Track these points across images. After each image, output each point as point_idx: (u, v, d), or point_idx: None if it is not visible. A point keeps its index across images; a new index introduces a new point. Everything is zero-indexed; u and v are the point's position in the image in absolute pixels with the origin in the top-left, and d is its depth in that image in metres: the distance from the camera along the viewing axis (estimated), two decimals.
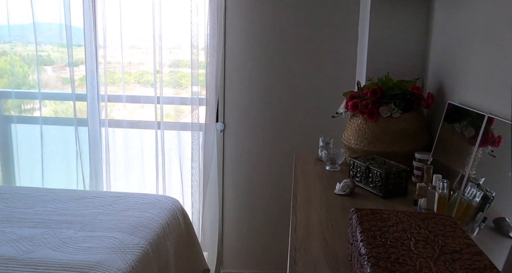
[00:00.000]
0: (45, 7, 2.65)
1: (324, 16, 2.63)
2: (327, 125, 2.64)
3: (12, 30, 2.72)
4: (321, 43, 2.66)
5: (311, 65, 2.69)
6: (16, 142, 2.93)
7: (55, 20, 2.67)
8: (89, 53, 2.67)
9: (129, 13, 2.70)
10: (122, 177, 2.90)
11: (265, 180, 2.83)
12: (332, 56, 2.66)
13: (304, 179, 1.90)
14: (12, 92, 2.85)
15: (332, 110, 2.61)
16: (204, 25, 2.62)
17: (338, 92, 2.60)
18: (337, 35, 2.64)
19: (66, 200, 2.32)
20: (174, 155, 2.84)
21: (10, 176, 2.97)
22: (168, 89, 2.81)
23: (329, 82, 2.69)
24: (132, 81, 2.86)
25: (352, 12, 2.59)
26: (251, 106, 2.76)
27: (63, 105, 2.96)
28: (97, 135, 2.80)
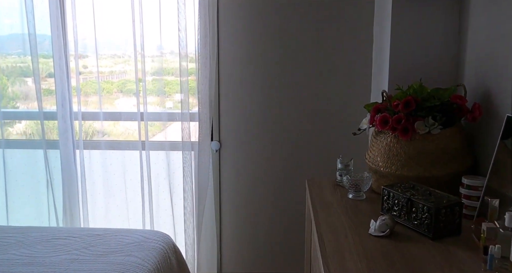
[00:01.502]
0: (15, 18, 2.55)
1: (333, 16, 2.44)
2: (342, 143, 2.49)
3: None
4: (330, 48, 2.47)
5: (320, 73, 2.49)
6: None
7: (22, 30, 2.55)
8: (58, 65, 2.43)
9: (105, 17, 2.51)
10: (101, 209, 2.68)
11: (270, 210, 2.62)
12: (343, 62, 2.48)
13: (325, 211, 1.66)
14: None
15: (347, 124, 2.49)
16: (193, 29, 2.41)
17: (351, 103, 2.46)
18: (349, 39, 2.45)
19: (33, 243, 2.05)
20: (162, 180, 2.63)
21: None
22: (152, 98, 2.64)
23: (340, 93, 2.51)
24: (115, 90, 2.73)
25: (365, 12, 2.41)
26: (251, 122, 2.55)
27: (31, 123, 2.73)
28: (71, 159, 2.57)
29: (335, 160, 2.43)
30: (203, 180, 2.46)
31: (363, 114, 2.43)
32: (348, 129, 2.45)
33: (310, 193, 1.91)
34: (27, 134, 2.79)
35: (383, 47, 2.19)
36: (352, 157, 1.97)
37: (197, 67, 2.41)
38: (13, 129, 2.76)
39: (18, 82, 2.67)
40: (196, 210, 2.50)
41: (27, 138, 2.77)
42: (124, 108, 2.71)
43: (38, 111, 2.53)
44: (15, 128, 2.78)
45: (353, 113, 2.46)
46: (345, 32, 2.43)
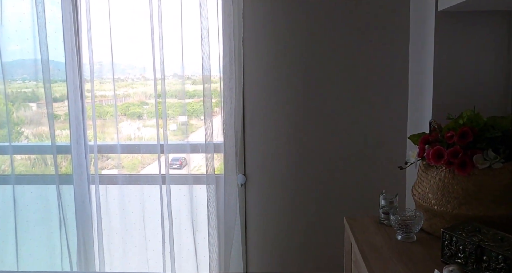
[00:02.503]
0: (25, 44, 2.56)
1: (366, 37, 2.36)
2: (378, 177, 2.40)
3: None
4: (362, 74, 2.39)
5: (352, 102, 2.42)
6: None
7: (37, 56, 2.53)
8: (73, 95, 2.40)
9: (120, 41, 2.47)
10: (118, 250, 2.59)
11: (301, 252, 2.52)
12: (377, 88, 2.39)
13: (376, 257, 1.57)
14: None
15: (384, 155, 2.40)
16: (217, 52, 2.36)
17: (387, 132, 2.40)
18: (382, 63, 2.37)
19: None
20: (184, 217, 2.53)
21: None
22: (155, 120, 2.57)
23: (375, 121, 2.42)
24: (118, 113, 2.68)
25: (399, 31, 2.33)
26: (279, 154, 2.46)
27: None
28: (85, 196, 2.49)
29: (371, 195, 2.35)
30: (230, 217, 2.36)
31: (400, 145, 2.35)
32: (384, 161, 2.38)
33: (353, 233, 1.80)
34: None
35: (424, 71, 2.09)
36: (386, 191, 1.88)
37: (221, 92, 2.35)
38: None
39: (23, 107, 2.68)
40: (222, 249, 2.38)
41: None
42: (142, 134, 2.68)
43: (51, 145, 2.47)
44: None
45: (389, 144, 2.38)
46: (378, 56, 2.35)
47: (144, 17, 2.40)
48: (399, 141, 2.35)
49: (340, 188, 2.44)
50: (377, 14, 2.32)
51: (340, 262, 2.04)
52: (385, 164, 2.39)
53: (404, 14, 2.29)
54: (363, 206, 2.41)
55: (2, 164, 2.80)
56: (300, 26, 2.36)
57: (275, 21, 2.37)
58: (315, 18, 2.34)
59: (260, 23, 2.37)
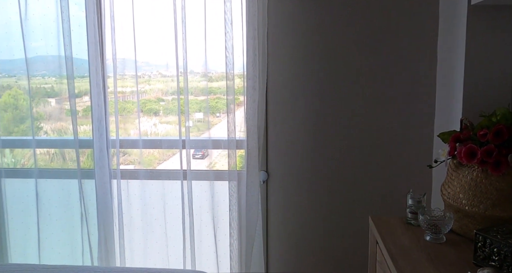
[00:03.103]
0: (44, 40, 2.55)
1: (393, 33, 2.31)
2: (405, 174, 2.35)
3: (16, 64, 2.66)
4: (389, 71, 2.33)
5: (378, 99, 2.37)
6: (5, 203, 2.67)
7: (56, 52, 2.57)
8: (96, 90, 2.39)
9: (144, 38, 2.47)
10: (139, 245, 2.59)
11: (324, 250, 2.47)
12: (404, 86, 2.34)
13: (405, 258, 1.52)
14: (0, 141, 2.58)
15: (409, 153, 2.35)
16: (240, 48, 2.33)
17: (413, 130, 2.35)
18: (409, 61, 2.31)
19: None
20: (205, 213, 2.51)
21: None
22: (172, 117, 2.63)
23: (401, 119, 2.37)
24: (135, 110, 2.68)
25: (427, 27, 2.26)
26: (302, 151, 2.43)
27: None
28: (107, 191, 2.48)
29: (396, 194, 2.30)
30: (252, 214, 2.33)
31: (426, 143, 2.29)
32: (409, 159, 2.33)
33: (379, 233, 1.75)
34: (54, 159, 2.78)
35: (454, 67, 2.03)
36: (412, 189, 1.83)
37: (244, 89, 2.32)
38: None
39: (42, 102, 2.70)
40: (243, 248, 2.36)
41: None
42: (162, 130, 2.67)
43: (74, 139, 2.47)
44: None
45: (415, 142, 2.32)
46: (404, 52, 2.30)
47: (165, 15, 2.38)
48: (425, 139, 2.30)
49: (364, 186, 2.39)
50: (405, 10, 2.26)
51: (364, 262, 2.00)
52: (410, 162, 2.34)
53: (433, 10, 2.23)
54: (387, 205, 2.36)
55: (22, 158, 2.83)
56: (325, 24, 2.31)
57: (299, 19, 2.33)
58: (340, 15, 2.30)
59: (284, 20, 2.33)
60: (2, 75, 2.68)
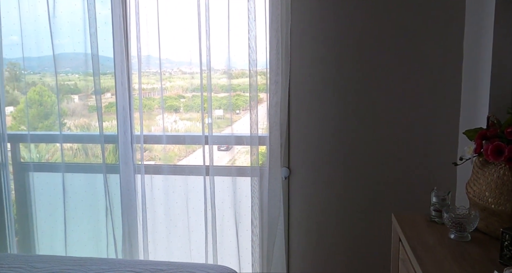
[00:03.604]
0: (71, 37, 2.60)
1: (417, 29, 2.27)
2: (429, 172, 2.32)
3: (41, 61, 2.70)
4: (412, 67, 2.29)
5: (401, 95, 2.33)
6: (33, 197, 2.73)
7: (82, 49, 2.60)
8: (120, 87, 2.44)
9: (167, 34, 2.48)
10: (162, 239, 2.61)
11: (345, 246, 2.45)
12: (428, 82, 2.30)
13: (429, 256, 1.51)
14: (28, 135, 2.65)
15: (433, 150, 2.32)
16: (263, 45, 2.32)
17: (437, 127, 2.31)
18: (434, 56, 2.27)
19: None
20: (227, 209, 2.52)
21: (27, 239, 2.75)
22: (192, 114, 2.64)
23: (425, 116, 2.32)
24: (156, 106, 2.73)
25: (453, 21, 2.22)
26: (324, 148, 2.41)
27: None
28: (131, 185, 2.51)
29: (419, 191, 2.27)
30: (274, 210, 2.33)
31: (451, 140, 2.25)
32: (433, 157, 2.29)
33: (402, 230, 1.73)
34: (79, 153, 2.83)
35: (480, 62, 1.98)
36: (436, 187, 1.81)
37: (268, 86, 2.32)
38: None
39: (66, 99, 2.74)
40: (265, 243, 2.36)
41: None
42: (186, 128, 2.69)
43: (99, 134, 2.51)
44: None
45: (439, 139, 2.29)
46: (429, 48, 2.25)
47: (188, 11, 2.39)
48: (450, 136, 2.26)
49: (387, 183, 2.36)
50: (430, 5, 2.22)
51: (387, 260, 1.98)
52: (435, 159, 2.30)
53: (459, 3, 2.18)
54: (410, 203, 2.33)
55: (46, 153, 2.88)
56: (348, 20, 2.29)
57: (323, 15, 2.31)
58: (364, 11, 2.27)
59: (307, 17, 2.32)
60: (27, 72, 2.74)
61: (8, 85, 2.74)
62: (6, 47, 2.60)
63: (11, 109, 2.84)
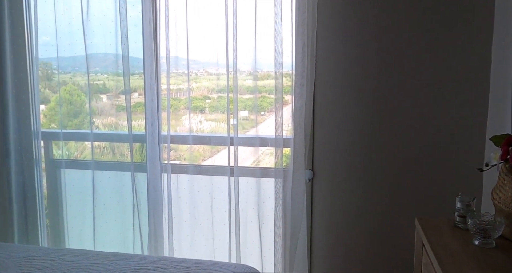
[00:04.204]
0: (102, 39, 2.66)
1: (445, 32, 2.24)
2: (454, 177, 2.30)
3: (70, 61, 2.79)
4: (440, 67, 2.27)
5: (427, 99, 2.30)
6: (64, 193, 2.82)
7: (113, 50, 2.67)
8: (149, 87, 2.49)
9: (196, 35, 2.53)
10: (187, 237, 2.66)
11: (368, 249, 2.44)
12: (455, 87, 2.27)
13: (453, 262, 1.49)
14: (61, 133, 2.73)
15: (459, 156, 2.29)
16: (289, 47, 2.34)
17: (463, 132, 2.28)
18: (461, 61, 2.24)
19: (120, 272, 2.02)
20: (251, 209, 2.54)
21: (58, 233, 2.84)
22: (217, 115, 2.68)
23: (452, 120, 2.29)
24: (182, 107, 2.77)
25: (481, 23, 2.19)
26: (348, 151, 2.41)
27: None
28: (158, 184, 2.56)
29: (444, 196, 2.24)
30: (297, 212, 2.34)
31: (478, 146, 2.22)
32: (459, 162, 2.26)
33: (425, 234, 1.72)
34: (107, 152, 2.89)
35: (508, 69, 1.96)
36: (461, 193, 1.78)
37: (293, 89, 2.33)
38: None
39: (95, 98, 2.80)
40: (288, 244, 2.37)
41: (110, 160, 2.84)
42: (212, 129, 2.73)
43: (128, 134, 2.56)
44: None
45: (466, 144, 2.25)
46: (456, 51, 2.23)
47: (215, 14, 2.43)
48: (477, 141, 2.23)
49: (411, 188, 2.34)
50: (458, 7, 2.20)
51: (409, 264, 1.96)
52: (461, 164, 2.27)
53: (488, 5, 2.15)
54: (434, 208, 2.31)
55: (75, 151, 2.96)
56: (374, 23, 2.28)
57: (349, 19, 2.31)
58: (390, 14, 2.26)
59: (334, 19, 2.32)
60: (58, 71, 2.80)
61: (40, 84, 2.82)
62: (39, 47, 2.68)
63: (42, 108, 2.92)
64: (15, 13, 2.60)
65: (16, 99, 2.66)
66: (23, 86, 2.67)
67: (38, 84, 2.70)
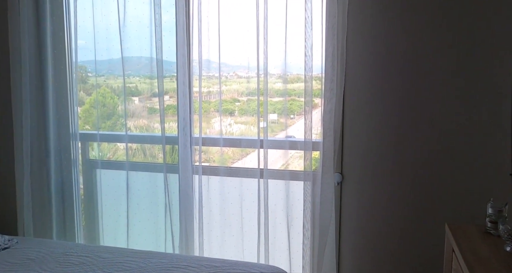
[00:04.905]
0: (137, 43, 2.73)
1: (476, 36, 2.20)
2: (485, 182, 2.24)
3: (105, 64, 2.85)
4: (470, 72, 2.22)
5: (459, 104, 2.25)
6: (100, 192, 2.89)
7: (145, 53, 2.74)
8: (182, 90, 2.54)
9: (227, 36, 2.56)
10: (217, 237, 2.70)
11: (397, 254, 2.41)
12: (487, 91, 2.21)
13: (484, 269, 1.49)
14: (98, 135, 2.81)
15: (491, 160, 2.23)
16: (319, 51, 2.36)
17: (497, 136, 2.23)
18: (493, 60, 2.19)
19: (153, 270, 2.11)
20: (280, 211, 2.56)
21: (93, 230, 2.92)
22: (246, 118, 2.71)
23: (483, 125, 2.24)
24: (212, 109, 2.81)
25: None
26: (378, 154, 2.39)
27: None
28: (189, 185, 2.61)
29: (474, 202, 2.20)
30: (326, 215, 2.35)
31: (509, 151, 2.16)
32: (491, 167, 2.22)
33: (456, 240, 1.70)
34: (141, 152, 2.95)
35: None
36: (492, 199, 1.75)
37: (322, 92, 2.35)
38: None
39: (127, 101, 2.83)
40: (316, 247, 2.38)
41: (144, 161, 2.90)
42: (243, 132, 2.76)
43: (161, 136, 2.62)
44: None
45: (498, 149, 2.20)
46: (489, 56, 2.18)
47: (246, 18, 2.46)
48: (509, 147, 2.18)
49: (442, 192, 2.30)
50: (486, 11, 2.16)
51: (438, 270, 1.95)
52: (492, 170, 2.22)
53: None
54: (464, 213, 2.26)
55: (108, 152, 3.04)
56: (405, 28, 2.26)
57: (380, 23, 2.30)
58: (422, 18, 2.24)
59: (364, 24, 2.31)
60: (92, 75, 2.88)
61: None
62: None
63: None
64: (56, 20, 2.71)
65: (56, 102, 2.76)
66: (63, 89, 2.77)
67: (77, 87, 2.80)
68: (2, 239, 2.41)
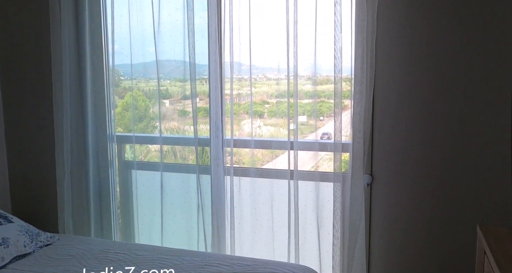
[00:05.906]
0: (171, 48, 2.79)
1: (506, 38, 2.15)
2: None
3: (138, 68, 2.92)
4: (502, 71, 2.18)
5: (489, 100, 2.22)
6: (135, 192, 2.97)
7: (177, 57, 2.79)
8: (214, 93, 2.59)
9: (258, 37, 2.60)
10: (248, 237, 2.74)
11: (428, 256, 2.39)
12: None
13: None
14: (133, 137, 2.90)
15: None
16: (348, 53, 2.37)
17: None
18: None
19: (187, 268, 2.19)
20: (310, 212, 2.59)
21: (129, 229, 3.00)
22: (275, 120, 2.72)
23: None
24: (241, 111, 2.84)
25: None
26: (408, 156, 2.38)
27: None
28: (221, 185, 2.67)
29: (507, 202, 2.16)
30: (355, 216, 2.36)
31: None
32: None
33: (487, 242, 1.68)
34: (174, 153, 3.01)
35: None
36: None
37: (352, 94, 2.36)
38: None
39: (158, 103, 2.88)
40: (346, 247, 2.40)
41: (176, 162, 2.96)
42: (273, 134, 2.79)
43: (194, 138, 2.69)
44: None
45: None
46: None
47: (275, 21, 2.50)
48: None
49: (473, 193, 2.27)
50: None
51: (470, 272, 1.93)
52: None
53: None
54: (496, 215, 2.23)
55: (139, 153, 3.12)
56: (435, 30, 2.25)
57: (409, 25, 2.29)
58: (452, 21, 2.22)
59: (394, 26, 2.31)
60: (124, 78, 2.95)
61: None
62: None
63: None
64: (95, 27, 2.81)
65: (94, 105, 2.87)
66: (100, 93, 2.87)
67: (113, 91, 2.89)
68: (45, 236, 2.53)
